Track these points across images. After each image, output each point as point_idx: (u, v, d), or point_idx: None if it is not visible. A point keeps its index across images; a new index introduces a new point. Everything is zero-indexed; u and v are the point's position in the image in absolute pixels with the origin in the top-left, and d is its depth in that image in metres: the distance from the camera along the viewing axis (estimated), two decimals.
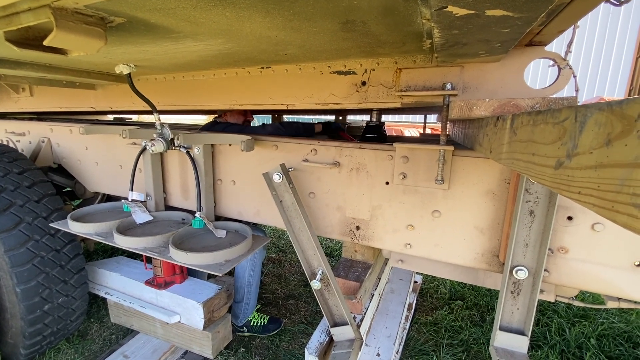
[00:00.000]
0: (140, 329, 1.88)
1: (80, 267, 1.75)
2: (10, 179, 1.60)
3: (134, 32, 0.81)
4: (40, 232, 1.58)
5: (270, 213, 1.43)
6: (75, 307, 1.76)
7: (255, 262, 1.94)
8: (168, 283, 1.79)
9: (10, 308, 1.56)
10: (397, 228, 1.21)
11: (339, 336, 1.27)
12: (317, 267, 1.27)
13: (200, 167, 1.45)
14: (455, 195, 1.10)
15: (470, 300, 2.34)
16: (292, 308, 2.30)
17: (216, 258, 1.22)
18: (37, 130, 2.08)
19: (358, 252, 1.63)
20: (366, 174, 1.21)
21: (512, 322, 1.05)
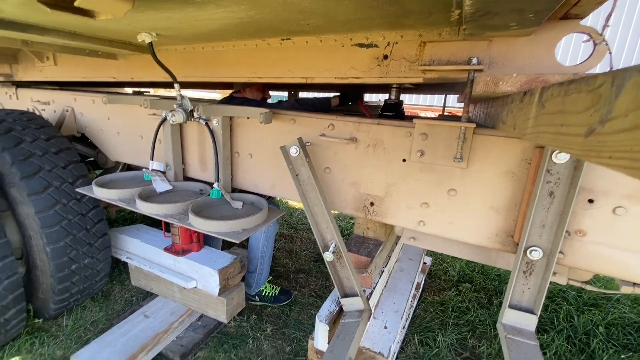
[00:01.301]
0: (159, 293, 1.99)
1: (104, 231, 1.84)
2: (39, 144, 1.67)
3: None
4: (67, 196, 1.66)
5: (286, 186, 1.46)
6: (99, 269, 1.87)
7: (269, 235, 1.99)
8: (185, 251, 1.87)
9: (41, 266, 1.67)
10: (411, 205, 1.22)
11: (348, 307, 1.31)
12: (330, 240, 1.30)
13: (218, 139, 1.47)
14: (472, 175, 1.09)
15: (478, 284, 2.36)
16: (302, 282, 2.37)
17: (233, 226, 1.27)
18: (61, 99, 2.14)
19: (370, 230, 1.65)
20: (383, 150, 1.21)
21: (521, 301, 1.06)
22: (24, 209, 1.59)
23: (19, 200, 1.59)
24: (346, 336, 1.18)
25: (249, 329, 1.89)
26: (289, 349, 1.78)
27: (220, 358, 1.70)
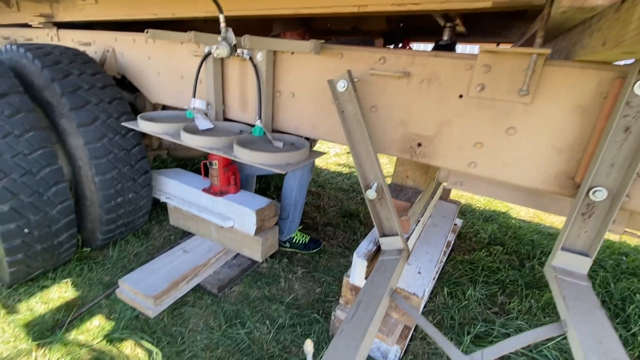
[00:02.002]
0: (197, 232, 2.08)
1: (146, 169, 1.90)
2: (85, 79, 1.70)
3: None
4: (113, 130, 1.71)
5: (327, 127, 1.43)
6: (141, 205, 1.96)
7: (302, 183, 2.00)
8: (223, 192, 1.92)
9: (89, 196, 1.76)
10: (463, 146, 1.17)
11: (387, 246, 1.32)
12: (373, 180, 1.28)
13: (262, 75, 1.44)
14: (537, 111, 1.03)
15: (510, 247, 2.32)
16: (330, 234, 2.41)
17: (278, 159, 1.27)
18: (102, 39, 2.15)
19: (409, 178, 1.62)
20: (438, 85, 1.15)
21: (576, 245, 1.03)
22: (74, 140, 1.65)
23: (68, 131, 1.65)
24: (386, 271, 1.19)
25: (280, 271, 1.96)
26: (319, 290, 1.85)
27: (254, 293, 1.79)
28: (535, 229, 2.64)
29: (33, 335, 1.46)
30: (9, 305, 1.61)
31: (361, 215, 2.70)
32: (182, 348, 1.46)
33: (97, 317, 1.58)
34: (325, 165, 3.89)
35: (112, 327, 1.53)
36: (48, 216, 1.54)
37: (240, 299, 1.74)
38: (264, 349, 1.48)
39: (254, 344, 1.50)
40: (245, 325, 1.58)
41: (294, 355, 1.45)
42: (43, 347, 1.42)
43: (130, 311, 1.61)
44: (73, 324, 1.54)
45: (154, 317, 1.58)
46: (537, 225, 2.75)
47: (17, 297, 1.65)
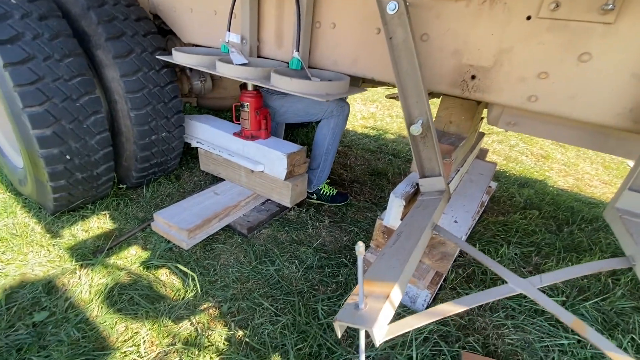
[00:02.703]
0: (226, 177, 2.09)
1: (179, 108, 1.89)
2: (120, 9, 1.66)
3: None
4: (147, 65, 1.69)
5: (369, 62, 1.34)
6: (174, 146, 1.97)
7: (337, 131, 1.94)
8: (254, 136, 1.90)
9: (125, 132, 1.78)
10: (525, 76, 1.06)
11: (427, 187, 1.26)
12: (419, 116, 1.20)
13: (302, 1, 1.35)
14: (619, 32, 0.90)
15: (547, 212, 2.21)
16: (357, 190, 2.38)
17: (318, 88, 1.21)
18: None
19: (453, 124, 1.53)
20: (503, 6, 1.03)
21: None
22: (110, 72, 1.64)
23: (104, 63, 1.64)
24: (426, 208, 1.14)
25: (308, 219, 1.96)
26: (347, 239, 1.84)
27: (283, 236, 1.80)
28: (575, 197, 2.50)
29: (76, 257, 1.54)
30: (53, 230, 1.70)
31: (389, 175, 2.63)
32: (215, 278, 1.50)
33: (133, 247, 1.65)
34: (352, 127, 3.79)
35: (148, 256, 1.59)
36: (87, 145, 1.57)
37: (269, 240, 1.76)
38: (292, 284, 1.50)
39: (283, 279, 1.52)
40: (275, 263, 1.60)
41: (322, 293, 1.47)
42: (85, 267, 1.49)
43: (165, 243, 1.66)
44: (112, 251, 1.61)
45: (188, 250, 1.63)
46: (576, 194, 2.60)
47: (60, 224, 1.74)
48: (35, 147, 1.42)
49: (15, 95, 1.33)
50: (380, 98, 5.15)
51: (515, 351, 1.28)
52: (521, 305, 1.46)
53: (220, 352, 1.19)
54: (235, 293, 1.43)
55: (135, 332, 1.24)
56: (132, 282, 1.45)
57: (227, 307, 1.37)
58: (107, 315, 1.29)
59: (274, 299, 1.42)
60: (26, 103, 1.34)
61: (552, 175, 2.95)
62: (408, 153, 3.10)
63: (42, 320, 1.25)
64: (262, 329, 1.28)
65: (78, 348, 1.17)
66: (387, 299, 0.69)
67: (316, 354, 1.21)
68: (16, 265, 1.47)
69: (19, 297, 1.34)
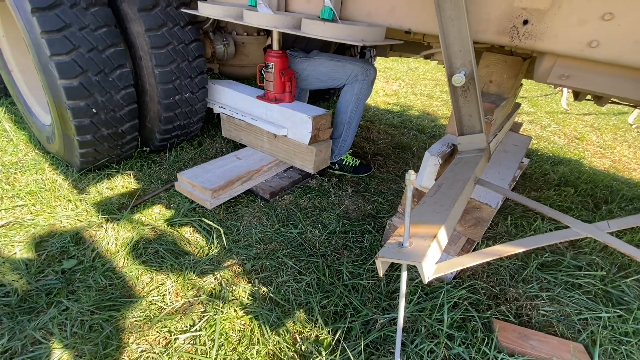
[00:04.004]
0: (248, 143, 2.06)
1: (203, 68, 1.85)
2: None
3: None
4: (172, 20, 1.64)
5: (408, 10, 1.24)
6: (197, 108, 1.94)
7: (360, 98, 1.86)
8: (278, 99, 1.84)
9: (149, 91, 1.76)
10: (586, 18, 0.95)
11: (465, 145, 1.18)
12: (461, 67, 1.11)
13: None
14: None
15: (584, 190, 2.08)
16: (380, 163, 2.30)
17: (354, 32, 1.13)
18: None
19: (493, 83, 1.42)
20: None
21: None
22: (134, 26, 1.61)
23: (130, 16, 1.60)
24: (467, 164, 1.07)
25: (330, 188, 1.91)
26: (370, 207, 1.78)
27: (305, 202, 1.76)
28: (613, 176, 2.35)
29: (102, 212, 1.55)
30: (79, 187, 1.71)
31: (414, 149, 2.54)
32: (238, 238, 1.48)
33: (157, 206, 1.65)
34: (375, 103, 3.68)
35: (172, 215, 1.59)
36: (113, 100, 1.55)
37: (292, 205, 1.73)
38: (315, 247, 1.47)
39: (306, 242, 1.49)
40: (298, 227, 1.57)
41: (346, 257, 1.43)
42: (112, 222, 1.50)
43: (189, 203, 1.65)
44: (136, 209, 1.61)
45: (211, 210, 1.62)
46: (614, 174, 2.44)
47: (86, 181, 1.75)
48: (62, 98, 1.42)
49: (43, 42, 1.31)
50: (403, 76, 4.98)
51: (550, 322, 1.21)
52: (557, 279, 1.38)
53: (245, 306, 1.18)
54: (258, 252, 1.41)
55: (161, 283, 1.24)
56: (157, 237, 1.45)
57: (251, 264, 1.35)
58: (132, 267, 1.30)
59: (298, 259, 1.39)
60: (54, 51, 1.33)
61: (587, 156, 2.78)
62: (434, 129, 2.98)
63: (70, 267, 1.27)
64: (286, 287, 1.26)
65: (105, 294, 1.18)
66: (435, 238, 0.63)
67: (341, 313, 1.18)
68: (45, 217, 1.49)
69: (48, 245, 1.36)
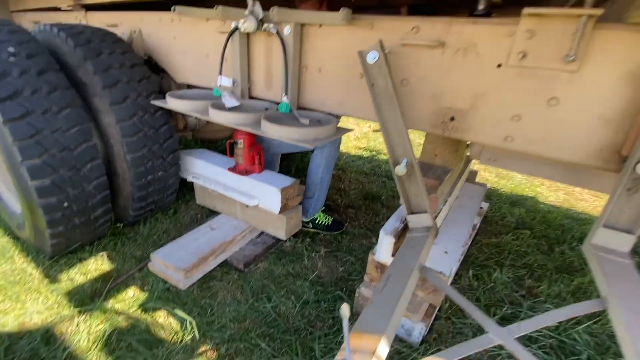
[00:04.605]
0: (222, 211, 2.13)
1: (174, 147, 1.95)
2: (116, 58, 1.74)
3: None
4: (143, 109, 1.75)
5: (355, 103, 1.41)
6: (170, 183, 2.02)
7: (330, 160, 2.00)
8: (248, 171, 1.94)
9: (121, 174, 1.82)
10: (500, 119, 1.12)
11: (414, 223, 1.30)
12: (402, 156, 1.26)
13: (289, 49, 1.43)
14: (583, 79, 0.97)
15: (539, 232, 2.25)
16: (352, 216, 2.41)
17: (306, 134, 1.27)
18: (129, 20, 2.18)
19: (438, 156, 1.58)
20: (475, 55, 1.10)
21: (619, 222, 0.98)
22: (106, 118, 1.70)
23: (101, 109, 1.70)
24: (414, 246, 1.18)
25: (303, 249, 1.99)
26: (342, 269, 1.86)
27: (279, 270, 1.82)
28: (565, 214, 2.55)
29: (74, 303, 1.55)
30: (51, 275, 1.71)
31: (383, 198, 2.67)
32: (212, 319, 1.51)
33: (131, 288, 1.66)
34: (346, 148, 3.86)
35: (145, 298, 1.61)
36: (85, 191, 1.61)
37: (266, 274, 1.78)
38: (289, 322, 1.51)
39: (280, 317, 1.53)
40: (271, 300, 1.62)
41: (319, 329, 1.48)
42: (84, 313, 1.50)
43: (162, 283, 1.68)
44: (110, 294, 1.62)
45: (185, 289, 1.65)
46: (567, 210, 2.65)
47: (58, 267, 1.75)
48: (33, 197, 1.46)
49: (14, 149, 1.38)
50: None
51: None
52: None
53: None
54: (232, 334, 1.45)
55: None
56: (130, 326, 1.46)
57: (225, 348, 1.38)
58: None
59: (271, 338, 1.43)
60: (25, 156, 1.39)
61: (543, 190, 3.00)
62: None
63: None
64: None
65: None
66: (374, 354, 0.72)
67: None
68: (15, 315, 1.48)
69: (17, 349, 1.34)
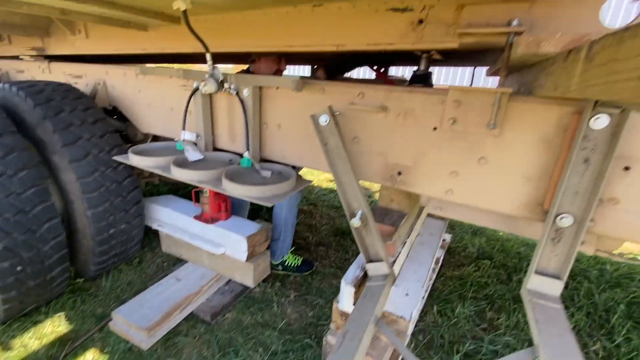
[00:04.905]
0: (189, 259, 2.10)
1: (138, 199, 1.93)
2: (77, 114, 1.75)
3: None
4: (104, 164, 1.75)
5: (313, 157, 1.49)
6: (134, 234, 1.98)
7: (292, 202, 2.05)
8: (214, 219, 1.96)
9: (82, 229, 1.78)
10: (440, 174, 1.23)
11: (373, 271, 1.36)
12: (357, 208, 1.34)
13: (248, 110, 1.51)
14: (505, 142, 1.10)
15: (498, 261, 2.37)
16: (322, 254, 2.45)
17: (265, 191, 1.32)
18: (93, 72, 2.21)
19: (394, 201, 1.68)
20: (414, 119, 1.22)
21: (548, 267, 1.08)
22: (66, 175, 1.69)
23: (60, 167, 1.68)
24: (372, 297, 1.23)
25: (273, 295, 1.99)
26: (312, 314, 1.87)
27: (247, 319, 1.80)
28: (522, 241, 2.71)
29: None
30: (3, 342, 1.61)
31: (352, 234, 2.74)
32: None
33: (90, 351, 1.59)
34: (317, 182, 3.94)
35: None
36: (41, 252, 1.56)
37: (233, 326, 1.76)
38: None
39: None
40: (239, 354, 1.60)
41: None
42: None
43: (124, 344, 1.62)
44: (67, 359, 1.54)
45: (148, 349, 1.59)
46: (523, 237, 2.82)
47: (10, 333, 1.65)
48: None
49: None
50: None
51: None
52: None
53: None
54: None
55: None
56: None
57: None
58: None
59: None
60: None
61: None
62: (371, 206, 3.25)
63: None
64: None
65: None
66: None
67: None
68: None
69: None
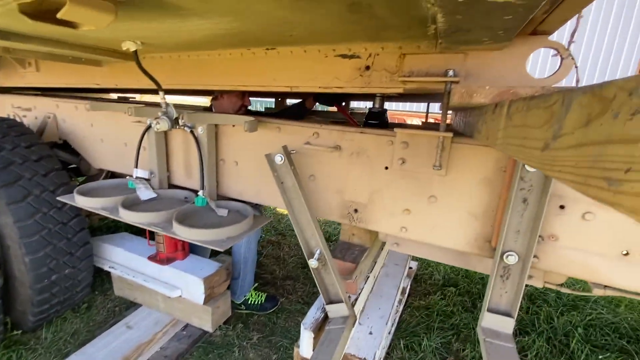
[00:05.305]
0: (143, 302, 1.96)
1: (86, 240, 1.80)
2: (19, 152, 1.63)
3: (144, 8, 0.82)
4: (47, 205, 1.63)
5: (271, 194, 1.47)
6: (80, 279, 1.83)
7: (250, 239, 1.99)
8: (170, 259, 1.85)
9: (19, 277, 1.62)
10: (393, 212, 1.24)
11: (333, 313, 1.33)
12: (315, 247, 1.31)
13: (203, 147, 1.47)
14: (451, 182, 1.13)
15: (463, 288, 2.40)
16: (289, 288, 2.37)
17: (218, 234, 1.27)
18: (43, 105, 2.10)
19: (355, 236, 1.67)
20: (366, 158, 1.24)
21: (500, 305, 1.10)
22: (3, 218, 1.55)
23: None
24: (330, 343, 1.19)
25: (234, 338, 1.87)
26: (276, 357, 1.77)
27: None
28: None
29: None
30: None
31: None
32: None
33: None
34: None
35: None
36: None
37: None
38: None
39: None
40: None
41: None
42: None
43: None
44: None
45: None
46: None
47: None
48: None
49: None
50: None
51: None
52: None
53: None
54: None
55: None
56: None
57: None
58: None
59: None
60: None
61: None
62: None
63: None
64: None
65: None
66: None
67: None
68: None
69: None
